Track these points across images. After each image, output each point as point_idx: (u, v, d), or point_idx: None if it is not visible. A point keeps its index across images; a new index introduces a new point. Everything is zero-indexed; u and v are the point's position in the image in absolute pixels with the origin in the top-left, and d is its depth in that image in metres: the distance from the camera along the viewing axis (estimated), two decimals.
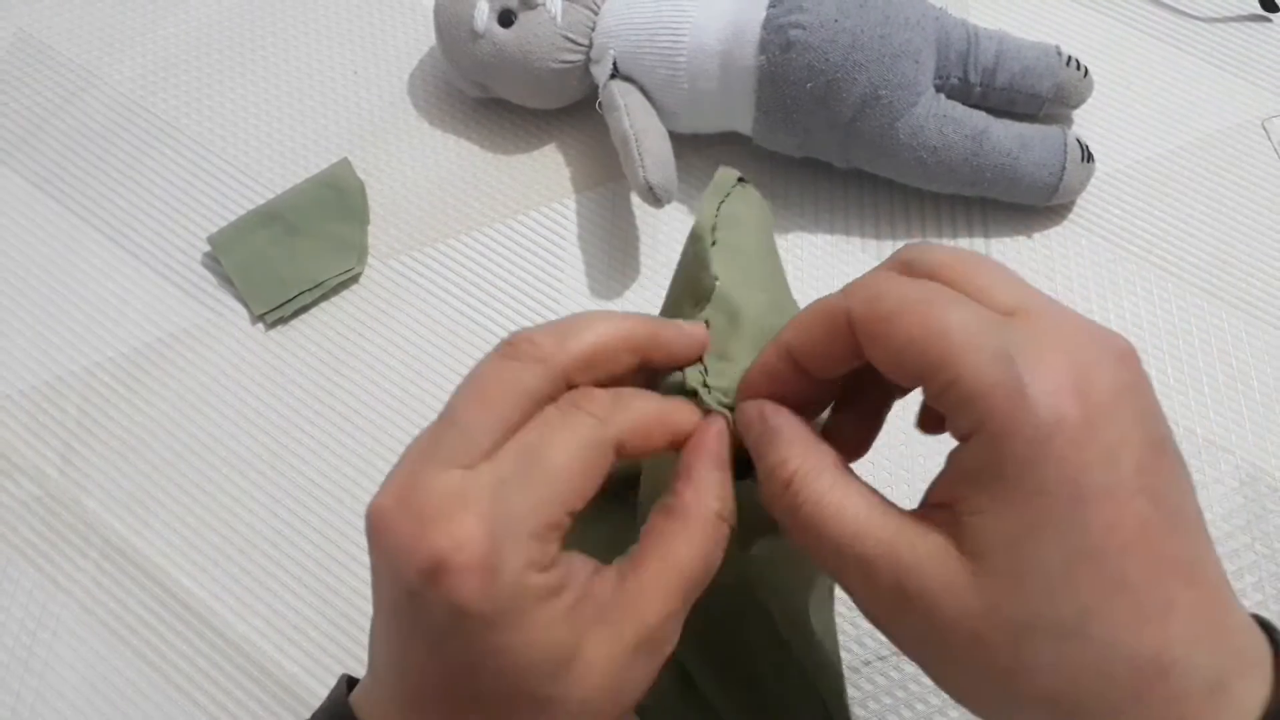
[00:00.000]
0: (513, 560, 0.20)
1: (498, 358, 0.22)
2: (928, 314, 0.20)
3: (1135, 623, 0.19)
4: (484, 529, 0.20)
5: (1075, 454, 0.18)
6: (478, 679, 0.21)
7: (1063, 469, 0.18)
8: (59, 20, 0.58)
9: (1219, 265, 0.47)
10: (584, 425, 0.22)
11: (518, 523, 0.20)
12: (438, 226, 0.50)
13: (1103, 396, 0.19)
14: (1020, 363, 0.19)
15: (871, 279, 0.22)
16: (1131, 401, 0.19)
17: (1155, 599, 0.19)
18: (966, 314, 0.20)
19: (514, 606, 0.20)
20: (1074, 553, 0.18)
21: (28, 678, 0.39)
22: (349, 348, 0.47)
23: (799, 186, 0.50)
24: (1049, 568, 0.19)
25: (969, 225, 0.48)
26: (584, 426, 0.22)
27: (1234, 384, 0.44)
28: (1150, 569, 0.19)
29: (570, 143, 0.52)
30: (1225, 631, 0.19)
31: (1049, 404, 0.18)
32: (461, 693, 0.21)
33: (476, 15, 0.48)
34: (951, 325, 0.19)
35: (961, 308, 0.20)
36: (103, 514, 0.43)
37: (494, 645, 0.20)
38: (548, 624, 0.21)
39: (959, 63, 0.47)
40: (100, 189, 0.52)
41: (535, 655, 0.21)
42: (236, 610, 0.40)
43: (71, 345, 0.47)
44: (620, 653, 0.21)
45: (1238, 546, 0.40)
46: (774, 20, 0.44)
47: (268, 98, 0.55)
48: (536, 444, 0.21)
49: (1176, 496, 0.20)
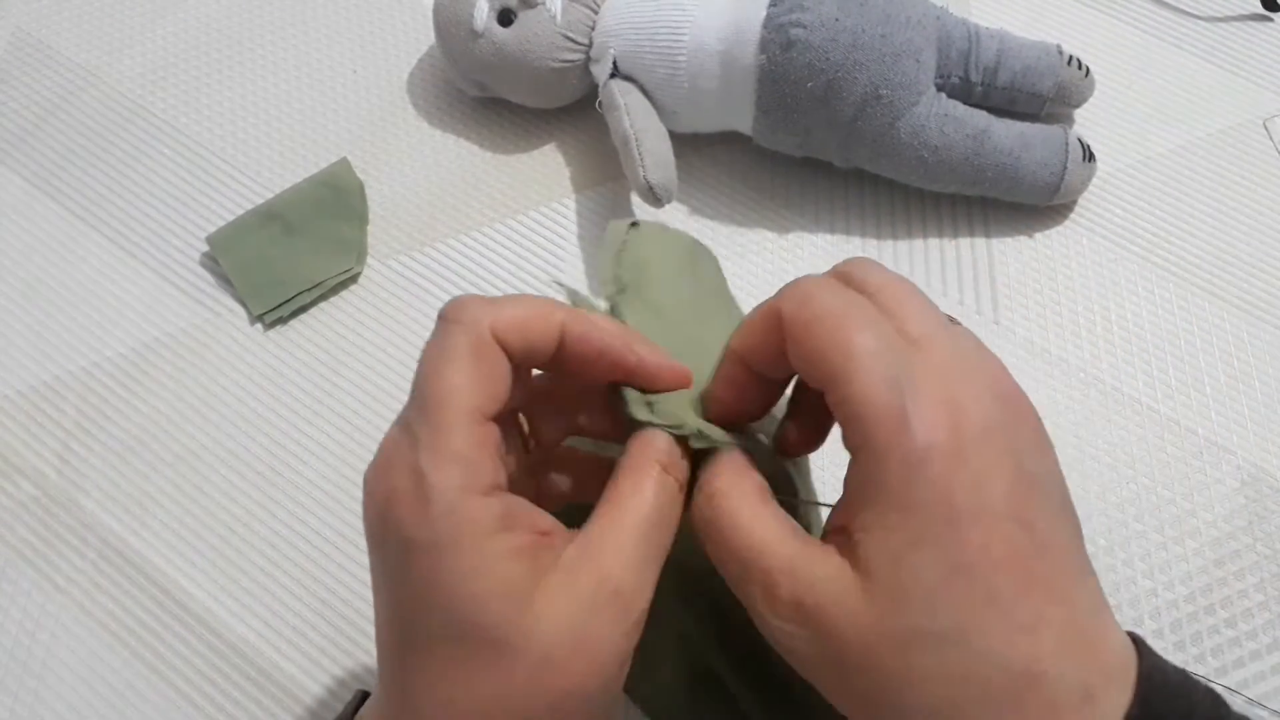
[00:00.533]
0: (440, 483, 0.21)
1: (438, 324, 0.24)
2: (839, 328, 0.22)
3: (1008, 634, 0.20)
4: (411, 465, 0.22)
5: (946, 477, 0.20)
6: (430, 615, 0.21)
7: (935, 489, 0.20)
8: (57, 19, 0.58)
9: (1220, 265, 0.47)
10: (459, 333, 0.23)
11: (432, 454, 0.21)
12: (437, 226, 0.50)
13: (973, 430, 0.21)
14: (906, 390, 0.21)
15: (806, 283, 0.23)
16: (1001, 437, 0.21)
17: (1025, 613, 0.20)
18: (873, 336, 0.21)
19: (453, 530, 0.21)
20: (950, 568, 0.20)
21: (26, 678, 0.39)
22: (348, 348, 0.46)
23: (799, 186, 0.50)
24: (928, 581, 0.20)
25: (970, 225, 0.48)
26: (461, 335, 0.23)
27: (1235, 384, 0.44)
28: (1020, 586, 0.20)
29: (570, 142, 0.52)
30: (1093, 647, 0.21)
31: (924, 430, 0.20)
32: (419, 633, 0.22)
33: (476, 14, 0.48)
34: (856, 344, 0.21)
35: (871, 330, 0.22)
36: (101, 515, 0.43)
37: (438, 573, 0.21)
38: (495, 556, 0.21)
39: (960, 62, 0.47)
40: (98, 188, 0.52)
41: (482, 586, 0.21)
42: (235, 611, 0.40)
43: (69, 345, 0.47)
44: (578, 600, 0.22)
45: (1239, 547, 0.40)
46: (774, 19, 0.44)
47: (267, 97, 0.55)
48: (423, 375, 0.23)
49: (1044, 523, 0.21)
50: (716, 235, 0.49)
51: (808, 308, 0.22)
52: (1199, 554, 0.40)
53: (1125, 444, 0.43)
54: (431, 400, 0.22)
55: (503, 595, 0.21)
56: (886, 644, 0.20)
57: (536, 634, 0.21)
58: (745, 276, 0.48)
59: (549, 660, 0.21)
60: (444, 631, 0.21)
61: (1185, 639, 0.38)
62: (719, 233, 0.49)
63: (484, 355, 0.23)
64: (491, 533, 0.21)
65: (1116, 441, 0.43)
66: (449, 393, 0.22)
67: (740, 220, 0.49)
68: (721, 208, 0.50)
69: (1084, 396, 0.44)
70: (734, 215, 0.49)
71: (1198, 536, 0.40)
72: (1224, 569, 0.40)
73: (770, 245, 0.48)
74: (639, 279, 0.29)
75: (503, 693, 0.21)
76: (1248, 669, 0.38)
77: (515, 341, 0.23)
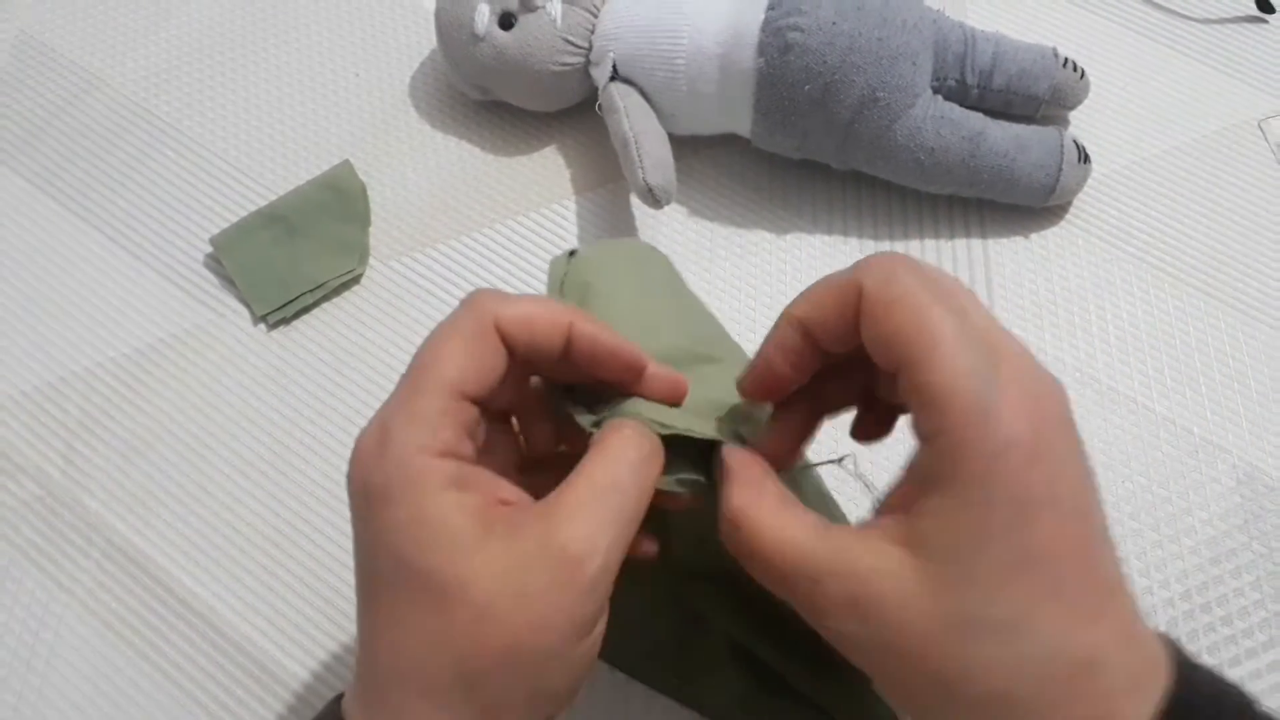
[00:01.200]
0: (399, 438, 0.22)
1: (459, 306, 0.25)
2: (927, 310, 0.21)
3: (1069, 625, 0.20)
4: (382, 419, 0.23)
5: (1024, 473, 0.20)
6: (380, 560, 0.22)
7: (1011, 485, 0.20)
8: (61, 22, 0.58)
9: (1215, 265, 0.47)
10: (464, 318, 0.24)
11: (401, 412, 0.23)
12: (439, 228, 0.50)
13: (1050, 427, 0.21)
14: (989, 382, 0.21)
15: (888, 260, 0.23)
16: (1069, 435, 0.22)
17: (1087, 605, 0.21)
18: (958, 324, 0.21)
19: (403, 481, 0.22)
20: (1017, 559, 0.20)
21: (30, 677, 0.40)
22: (350, 349, 0.47)
23: (797, 187, 0.50)
24: (994, 570, 0.20)
25: (966, 226, 0.49)
26: (464, 320, 0.24)
27: (1230, 383, 0.44)
28: (1083, 579, 0.21)
29: (570, 145, 0.53)
30: (1139, 639, 0.22)
31: (1008, 425, 0.20)
32: (373, 578, 0.23)
33: (477, 18, 0.48)
34: (944, 330, 0.21)
35: (955, 318, 0.21)
36: (105, 514, 0.43)
37: (388, 520, 0.22)
38: (443, 507, 0.22)
39: (956, 64, 0.48)
40: (102, 190, 0.52)
41: (426, 534, 0.22)
42: (238, 610, 0.41)
43: (73, 346, 0.47)
44: (521, 556, 0.22)
45: (1234, 546, 0.40)
46: (772, 23, 0.44)
47: (269, 100, 0.55)
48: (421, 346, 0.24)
49: (1101, 520, 0.22)
50: (715, 236, 0.49)
51: (892, 287, 0.22)
52: (1194, 552, 0.40)
53: (1120, 443, 0.43)
54: (418, 367, 0.23)
55: (446, 545, 0.22)
56: (946, 630, 0.20)
57: (475, 584, 0.22)
58: (744, 277, 0.48)
59: (488, 612, 0.22)
60: (392, 577, 0.22)
61: (1180, 637, 0.39)
62: (718, 233, 0.49)
63: (482, 340, 0.24)
64: (441, 488, 0.22)
65: (1112, 440, 0.43)
66: (434, 362, 0.23)
67: (739, 221, 0.50)
68: (720, 209, 0.50)
69: (1079, 396, 0.44)
70: (732, 216, 0.50)
71: (1193, 535, 0.41)
72: (1219, 567, 0.40)
73: (768, 246, 0.49)
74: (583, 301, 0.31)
75: (444, 640, 0.22)
76: (1243, 667, 0.38)
77: (519, 335, 0.24)
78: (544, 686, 0.22)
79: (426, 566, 0.22)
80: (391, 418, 0.23)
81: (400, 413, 0.23)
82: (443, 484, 0.22)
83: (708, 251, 0.49)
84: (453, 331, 0.24)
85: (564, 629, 0.22)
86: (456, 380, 0.23)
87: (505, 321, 0.24)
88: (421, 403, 0.23)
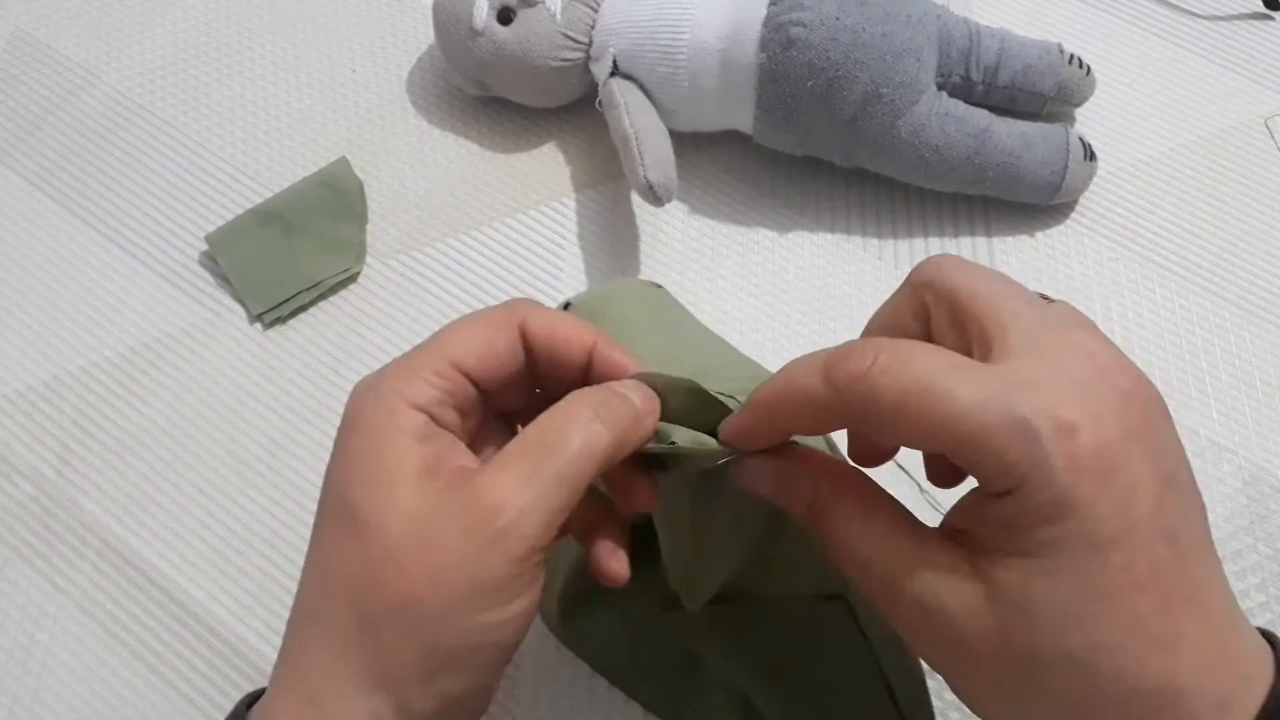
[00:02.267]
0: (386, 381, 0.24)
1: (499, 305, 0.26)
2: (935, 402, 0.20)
3: (1145, 654, 0.19)
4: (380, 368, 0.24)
5: (1093, 508, 0.19)
6: (328, 485, 0.23)
7: (1081, 524, 0.19)
8: (57, 18, 0.58)
9: (1221, 264, 0.47)
10: (495, 311, 0.25)
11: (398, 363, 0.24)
12: (437, 226, 0.50)
13: (1115, 446, 0.20)
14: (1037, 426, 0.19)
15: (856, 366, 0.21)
16: (1140, 442, 0.20)
17: (1165, 631, 0.20)
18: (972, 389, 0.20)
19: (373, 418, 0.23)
20: (1087, 594, 0.19)
21: (25, 678, 0.39)
22: (347, 347, 0.46)
23: (800, 185, 0.50)
24: (1061, 606, 0.20)
25: (971, 224, 0.48)
26: (495, 312, 0.25)
27: (1237, 383, 0.44)
28: (1161, 604, 0.20)
29: (570, 141, 0.52)
30: (1230, 655, 0.20)
31: (1068, 468, 0.19)
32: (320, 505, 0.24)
33: (475, 13, 0.48)
34: (962, 408, 0.20)
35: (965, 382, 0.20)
36: (100, 514, 0.42)
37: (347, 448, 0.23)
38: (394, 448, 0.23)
39: (961, 61, 0.47)
40: (98, 188, 0.52)
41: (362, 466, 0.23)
42: (234, 611, 0.40)
43: (69, 345, 0.47)
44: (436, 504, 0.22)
45: (1241, 547, 0.40)
46: (775, 18, 0.44)
47: (266, 96, 0.54)
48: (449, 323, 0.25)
49: (1186, 529, 0.20)
50: (717, 234, 0.49)
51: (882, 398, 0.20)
52: None
53: None
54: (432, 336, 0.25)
55: (380, 481, 0.22)
56: (1013, 659, 0.20)
57: (390, 524, 0.22)
58: (745, 275, 0.48)
59: (393, 554, 0.22)
60: (330, 505, 0.23)
61: None
62: (719, 232, 0.49)
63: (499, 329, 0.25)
64: (401, 431, 0.23)
65: None
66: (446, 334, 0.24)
67: (740, 219, 0.49)
68: (722, 206, 0.50)
69: None
70: (734, 214, 0.49)
71: None
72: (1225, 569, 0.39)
73: (770, 244, 0.48)
74: None
75: (352, 576, 0.22)
76: None
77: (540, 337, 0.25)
78: (438, 649, 0.21)
79: (354, 498, 0.22)
80: (389, 365, 0.24)
81: (397, 363, 0.24)
82: (404, 429, 0.23)
83: (709, 249, 0.48)
84: (477, 316, 0.25)
85: (462, 586, 0.21)
86: (459, 353, 0.24)
87: (531, 324, 0.25)
88: (418, 360, 0.24)
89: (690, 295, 0.47)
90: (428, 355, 0.24)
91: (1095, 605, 0.19)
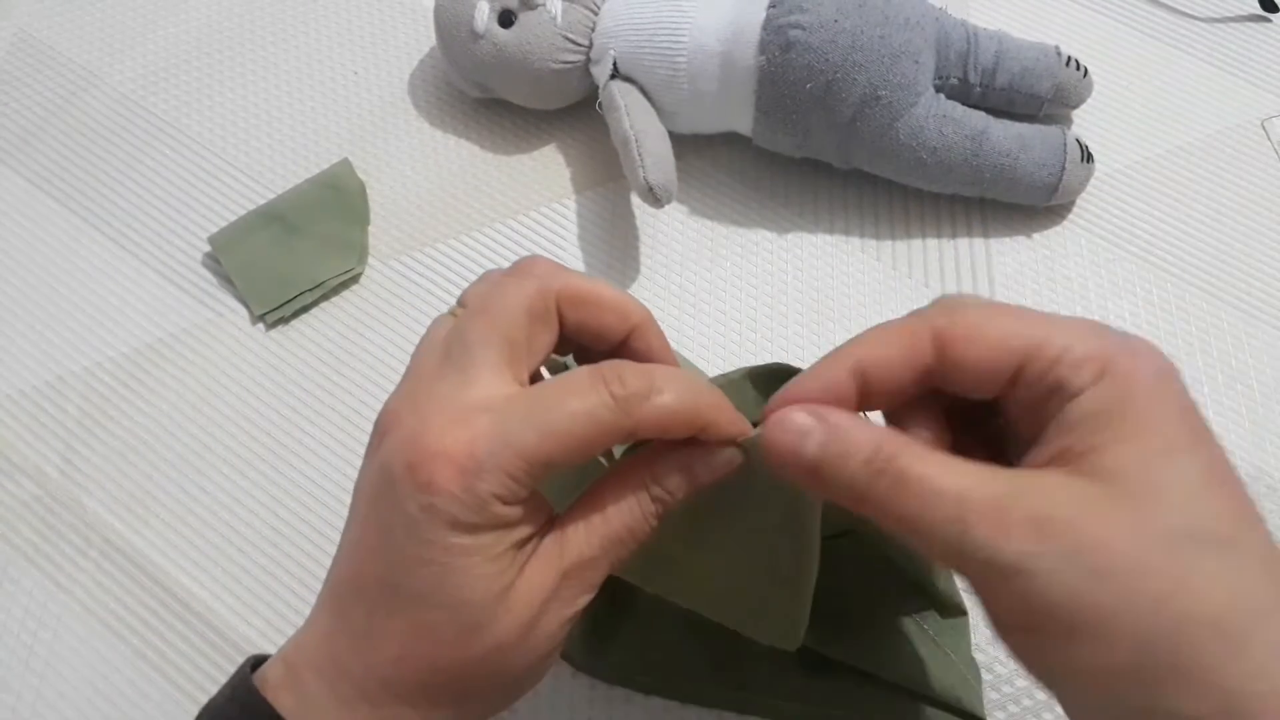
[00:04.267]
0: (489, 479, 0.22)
1: (504, 275, 0.25)
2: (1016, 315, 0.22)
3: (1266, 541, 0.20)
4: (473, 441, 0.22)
5: (1184, 399, 0.21)
6: (413, 577, 0.22)
7: (1181, 411, 0.21)
8: (60, 20, 0.58)
9: (1218, 265, 0.47)
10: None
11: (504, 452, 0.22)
12: (438, 227, 0.50)
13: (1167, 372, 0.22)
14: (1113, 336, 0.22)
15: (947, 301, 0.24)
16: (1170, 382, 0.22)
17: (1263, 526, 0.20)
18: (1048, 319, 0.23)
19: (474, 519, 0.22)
20: (1207, 476, 0.20)
21: (28, 677, 0.39)
22: (349, 348, 0.47)
23: (798, 186, 0.50)
24: (1189, 483, 0.20)
25: (968, 225, 0.48)
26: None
27: (1233, 384, 0.44)
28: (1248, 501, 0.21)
29: (570, 143, 0.52)
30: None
31: (1153, 362, 0.21)
32: (387, 586, 0.23)
33: (476, 16, 0.48)
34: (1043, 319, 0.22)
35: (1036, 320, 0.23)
36: (103, 514, 0.43)
37: (446, 545, 0.22)
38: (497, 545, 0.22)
39: (959, 63, 0.47)
40: (101, 189, 0.52)
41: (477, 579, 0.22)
42: (237, 610, 0.40)
43: (72, 345, 0.47)
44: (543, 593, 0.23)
45: None
46: (774, 21, 0.44)
47: (268, 98, 0.55)
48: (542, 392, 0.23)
49: None
50: (716, 235, 0.49)
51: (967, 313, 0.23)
52: None
53: None
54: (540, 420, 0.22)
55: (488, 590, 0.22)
56: (1156, 546, 0.19)
57: (504, 622, 0.23)
58: (745, 276, 0.48)
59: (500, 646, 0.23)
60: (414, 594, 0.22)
61: None
62: (718, 233, 0.49)
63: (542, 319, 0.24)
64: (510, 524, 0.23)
65: None
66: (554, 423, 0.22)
67: (740, 220, 0.49)
68: (721, 208, 0.50)
69: None
70: (733, 216, 0.50)
71: None
72: None
73: (770, 245, 0.49)
74: None
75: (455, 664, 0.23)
76: None
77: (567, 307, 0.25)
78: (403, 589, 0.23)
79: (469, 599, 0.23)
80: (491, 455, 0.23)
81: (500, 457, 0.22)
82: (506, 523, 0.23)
83: (709, 251, 0.49)
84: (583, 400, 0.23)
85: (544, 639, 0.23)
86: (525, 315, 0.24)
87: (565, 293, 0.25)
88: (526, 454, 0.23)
89: (690, 295, 0.47)
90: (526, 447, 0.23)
91: (1215, 488, 0.20)
